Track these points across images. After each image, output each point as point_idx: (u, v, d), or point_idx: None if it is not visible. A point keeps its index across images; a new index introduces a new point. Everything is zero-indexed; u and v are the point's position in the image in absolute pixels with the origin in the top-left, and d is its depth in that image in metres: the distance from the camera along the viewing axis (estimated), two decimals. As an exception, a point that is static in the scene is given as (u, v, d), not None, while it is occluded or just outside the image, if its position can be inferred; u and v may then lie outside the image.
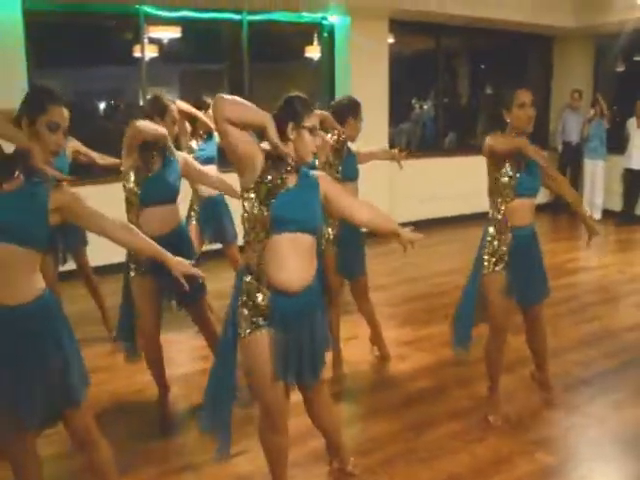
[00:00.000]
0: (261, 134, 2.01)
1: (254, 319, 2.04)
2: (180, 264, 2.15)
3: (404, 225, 2.30)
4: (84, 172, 4.96)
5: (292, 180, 2.06)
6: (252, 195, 2.00)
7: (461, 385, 3.39)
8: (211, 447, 2.74)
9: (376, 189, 6.52)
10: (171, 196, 2.91)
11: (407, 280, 5.44)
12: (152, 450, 2.78)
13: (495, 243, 2.85)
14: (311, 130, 2.04)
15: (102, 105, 8.11)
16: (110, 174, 2.90)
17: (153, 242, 2.15)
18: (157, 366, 3.04)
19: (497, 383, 3.02)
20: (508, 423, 2.97)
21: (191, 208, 4.31)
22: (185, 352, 3.97)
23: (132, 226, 2.16)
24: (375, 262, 3.71)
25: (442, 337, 4.06)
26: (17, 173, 1.92)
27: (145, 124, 2.76)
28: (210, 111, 4.10)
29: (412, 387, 3.39)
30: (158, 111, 2.87)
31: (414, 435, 2.88)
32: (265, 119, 1.98)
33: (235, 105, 1.93)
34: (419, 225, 2.37)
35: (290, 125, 2.02)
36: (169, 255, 2.16)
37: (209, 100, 4.22)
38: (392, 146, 7.66)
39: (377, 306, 3.79)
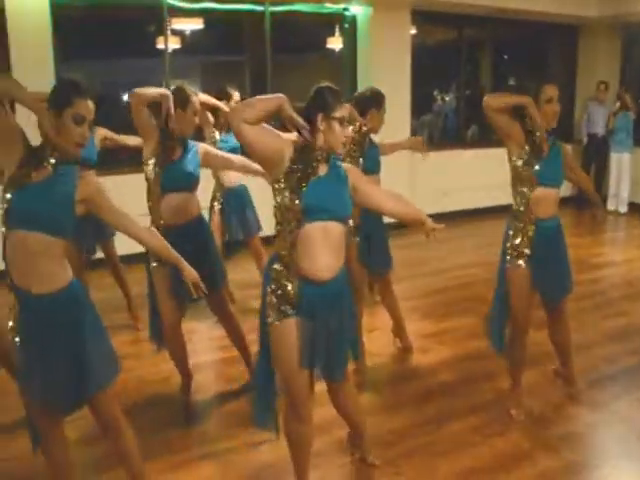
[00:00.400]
0: (282, 119, 2.03)
1: (282, 308, 2.05)
2: (192, 274, 2.25)
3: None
4: (113, 160, 5.03)
5: (323, 169, 2.07)
6: (283, 185, 2.01)
7: (483, 378, 3.36)
8: (233, 436, 2.80)
9: (397, 181, 6.47)
10: (190, 185, 2.92)
11: (428, 273, 5.41)
12: (174, 438, 2.82)
13: (518, 236, 2.81)
14: (341, 121, 2.04)
15: (126, 97, 8.18)
16: (137, 161, 2.96)
17: (170, 247, 2.23)
18: (179, 355, 3.08)
19: (519, 377, 2.99)
20: (530, 418, 2.94)
21: (214, 199, 4.33)
22: (206, 341, 4.01)
23: (153, 228, 2.25)
24: (396, 255, 3.68)
25: (463, 330, 4.05)
26: (45, 163, 1.95)
27: (143, 88, 2.78)
28: (232, 102, 4.11)
29: (433, 380, 3.38)
30: (180, 102, 2.88)
31: (435, 428, 2.88)
32: (278, 100, 2.00)
33: (246, 107, 1.96)
34: (440, 218, 2.36)
35: (320, 116, 2.03)
36: (184, 263, 2.25)
37: (232, 91, 4.22)
38: (414, 138, 7.61)
39: (399, 299, 3.77)
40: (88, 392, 2.01)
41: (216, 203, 4.30)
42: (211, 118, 4.18)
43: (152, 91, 2.81)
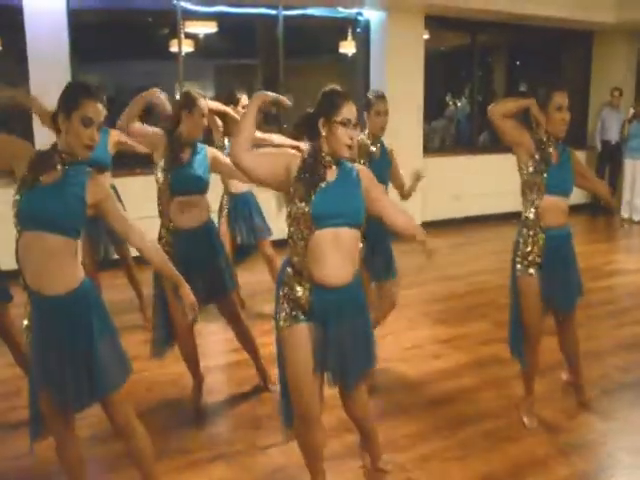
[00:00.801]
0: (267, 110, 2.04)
1: (293, 313, 2.05)
2: (188, 296, 2.20)
3: (436, 223, 2.28)
4: (125, 163, 5.06)
5: (332, 174, 2.05)
6: (292, 193, 2.00)
7: (496, 385, 3.34)
8: (244, 438, 2.79)
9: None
10: (199, 188, 2.91)
11: (441, 278, 5.38)
12: (185, 439, 2.82)
13: (528, 244, 2.77)
14: (343, 123, 1.99)
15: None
16: (149, 164, 2.99)
17: (171, 264, 2.19)
18: (191, 358, 3.08)
19: (532, 384, 2.96)
20: (544, 425, 2.91)
21: (222, 205, 4.33)
22: (219, 344, 4.01)
23: (156, 244, 2.20)
24: (409, 260, 3.67)
25: (477, 336, 4.02)
26: (56, 165, 1.97)
27: (126, 110, 2.81)
28: (240, 107, 4.09)
29: (447, 385, 3.36)
30: (186, 105, 2.89)
31: (448, 433, 2.86)
32: (256, 102, 2.01)
33: (237, 140, 1.95)
34: (453, 223, 2.37)
35: (321, 121, 2.01)
36: (184, 283, 2.20)
37: (240, 95, 4.19)
38: (426, 143, 7.60)
39: (412, 304, 3.75)
40: (97, 394, 2.02)
41: (224, 209, 4.30)
42: (220, 123, 4.18)
43: (136, 102, 2.81)
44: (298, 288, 2.04)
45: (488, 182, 7.51)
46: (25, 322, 2.05)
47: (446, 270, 5.59)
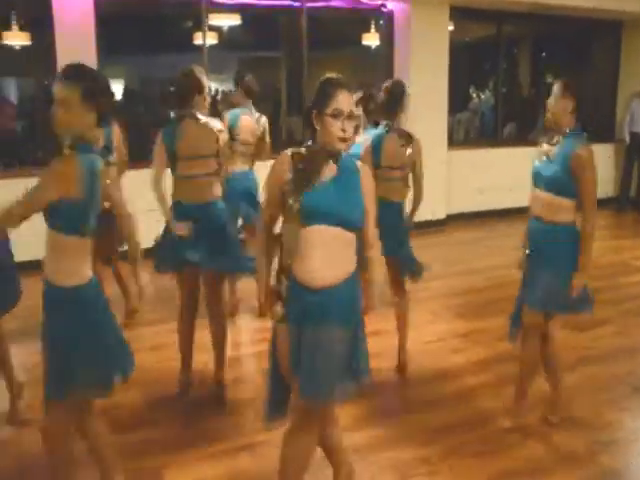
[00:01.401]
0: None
1: (279, 310, 1.97)
2: None
3: (460, 216, 2.26)
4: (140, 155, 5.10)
5: (331, 171, 1.93)
6: (288, 190, 1.91)
7: (516, 381, 3.29)
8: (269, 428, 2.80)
9: (433, 179, 6.40)
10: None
11: (464, 272, 5.33)
12: (209, 429, 2.84)
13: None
14: (334, 115, 1.87)
15: (162, 91, 8.31)
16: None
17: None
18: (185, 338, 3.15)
19: (527, 382, 2.85)
20: (569, 422, 2.86)
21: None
22: (244, 334, 4.04)
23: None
24: (432, 252, 3.64)
25: (499, 331, 3.95)
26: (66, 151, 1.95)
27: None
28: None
29: (468, 380, 3.33)
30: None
31: (470, 428, 2.84)
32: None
33: None
34: (476, 217, 2.32)
35: (314, 114, 1.91)
36: None
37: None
38: (450, 136, 7.51)
39: (432, 297, 3.72)
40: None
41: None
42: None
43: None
44: (282, 284, 1.96)
45: (512, 175, 7.39)
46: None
47: (467, 264, 5.54)
